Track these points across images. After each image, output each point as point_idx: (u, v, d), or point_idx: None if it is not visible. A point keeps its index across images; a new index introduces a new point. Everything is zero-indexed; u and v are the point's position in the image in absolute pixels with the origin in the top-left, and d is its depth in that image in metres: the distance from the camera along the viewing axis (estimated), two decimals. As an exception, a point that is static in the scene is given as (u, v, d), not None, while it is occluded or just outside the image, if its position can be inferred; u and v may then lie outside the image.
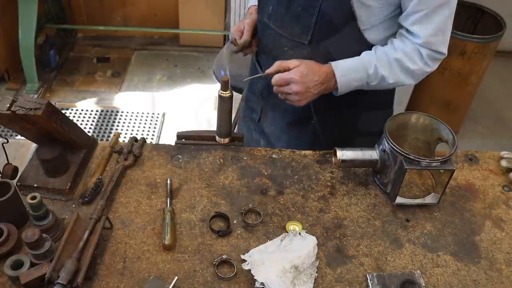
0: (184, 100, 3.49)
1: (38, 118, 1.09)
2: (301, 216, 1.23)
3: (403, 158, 1.19)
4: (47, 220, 1.10)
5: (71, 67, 3.78)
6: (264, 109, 1.67)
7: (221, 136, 1.40)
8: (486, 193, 1.33)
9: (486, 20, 3.09)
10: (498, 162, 1.41)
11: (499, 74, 3.81)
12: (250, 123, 1.75)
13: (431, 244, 1.19)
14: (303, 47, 1.37)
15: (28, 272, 1.01)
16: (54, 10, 3.72)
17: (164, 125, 3.29)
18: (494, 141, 3.33)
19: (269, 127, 1.68)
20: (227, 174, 1.33)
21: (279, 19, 1.38)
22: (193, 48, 3.94)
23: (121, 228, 1.17)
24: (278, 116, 1.62)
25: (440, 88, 3.10)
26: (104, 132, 3.21)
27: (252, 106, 1.72)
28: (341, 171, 1.36)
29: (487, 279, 1.12)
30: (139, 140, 1.39)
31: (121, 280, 1.06)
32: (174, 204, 1.24)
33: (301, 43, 1.37)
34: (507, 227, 1.24)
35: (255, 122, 1.72)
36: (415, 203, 1.27)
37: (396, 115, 1.30)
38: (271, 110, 1.64)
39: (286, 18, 1.36)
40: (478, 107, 3.52)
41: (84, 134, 1.32)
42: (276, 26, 1.40)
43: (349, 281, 1.09)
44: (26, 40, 3.27)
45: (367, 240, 1.19)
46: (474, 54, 2.87)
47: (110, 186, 1.24)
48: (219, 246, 1.15)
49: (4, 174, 1.23)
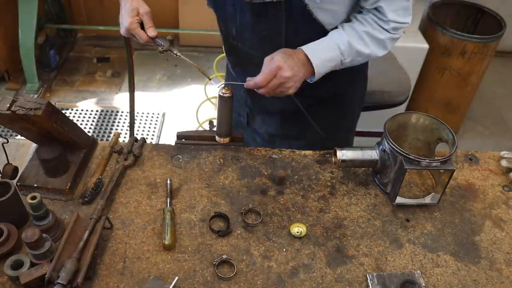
0: (184, 100, 3.49)
1: (38, 118, 1.09)
2: (301, 216, 1.23)
3: (403, 158, 1.19)
4: (47, 220, 1.10)
5: (71, 67, 3.78)
6: (251, 114, 1.67)
7: (221, 136, 1.40)
8: (486, 193, 1.33)
9: (486, 20, 3.10)
10: (498, 162, 1.41)
11: (499, 74, 3.81)
12: (239, 125, 1.75)
13: (431, 244, 1.19)
14: None
15: (28, 272, 1.01)
16: (54, 10, 3.72)
17: (164, 125, 3.29)
18: (494, 141, 3.34)
19: (261, 128, 1.68)
20: (227, 174, 1.33)
21: (248, 40, 1.37)
22: (193, 48, 3.94)
23: (121, 228, 1.17)
24: (268, 119, 1.62)
25: (440, 88, 3.10)
26: (104, 132, 3.21)
27: (237, 111, 1.69)
28: (341, 171, 1.36)
29: (487, 279, 1.12)
30: (139, 140, 1.39)
31: (121, 280, 1.06)
32: (174, 204, 1.24)
33: None
34: (507, 227, 1.24)
35: (244, 125, 1.72)
36: (415, 203, 1.27)
37: (396, 115, 1.30)
38: (258, 114, 1.64)
39: (254, 40, 1.36)
40: (478, 107, 3.52)
41: (84, 134, 1.32)
42: (245, 47, 1.40)
43: (349, 281, 1.09)
44: (26, 40, 3.27)
45: (367, 240, 1.19)
46: (474, 54, 2.87)
47: (110, 186, 1.24)
48: (219, 246, 1.15)
49: (4, 174, 1.22)
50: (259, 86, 1.24)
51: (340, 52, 1.29)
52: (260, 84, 1.23)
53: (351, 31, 1.30)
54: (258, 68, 1.30)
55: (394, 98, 2.24)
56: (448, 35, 2.87)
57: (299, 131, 1.61)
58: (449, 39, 2.87)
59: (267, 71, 1.23)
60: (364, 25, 1.30)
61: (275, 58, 1.23)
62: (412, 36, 2.88)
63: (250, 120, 1.69)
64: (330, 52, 1.28)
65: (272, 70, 1.22)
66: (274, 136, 1.65)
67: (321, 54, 1.28)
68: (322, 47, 1.28)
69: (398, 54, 2.47)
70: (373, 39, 1.31)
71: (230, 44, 1.46)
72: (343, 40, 1.28)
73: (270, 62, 1.24)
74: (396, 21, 1.29)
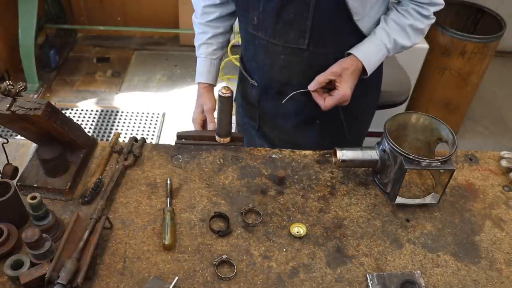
0: (184, 100, 3.49)
1: (38, 118, 1.09)
2: (301, 216, 1.23)
3: (403, 158, 1.19)
4: (47, 220, 1.10)
5: (71, 67, 3.78)
6: (262, 117, 1.65)
7: (221, 136, 1.40)
8: (486, 193, 1.33)
9: (486, 20, 3.10)
10: (498, 162, 1.41)
11: (499, 74, 3.82)
12: (251, 129, 1.73)
13: (431, 244, 1.19)
14: (301, 52, 1.36)
15: (28, 272, 1.01)
16: (54, 10, 3.73)
17: (164, 125, 3.29)
18: (494, 141, 3.34)
19: (271, 132, 1.66)
20: (227, 174, 1.33)
21: (270, 28, 1.35)
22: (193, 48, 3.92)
23: (121, 228, 1.17)
24: (280, 121, 1.61)
25: (440, 88, 3.10)
26: (104, 132, 3.21)
27: (249, 114, 1.69)
28: (341, 171, 1.36)
29: (487, 279, 1.12)
30: (139, 140, 1.39)
31: (121, 280, 1.06)
32: (174, 204, 1.24)
33: (298, 49, 1.36)
34: (507, 227, 1.24)
35: (255, 129, 1.70)
36: (415, 203, 1.27)
37: (396, 115, 1.30)
38: (270, 117, 1.62)
39: (278, 26, 1.34)
40: (478, 107, 3.52)
41: (84, 134, 1.32)
42: (266, 36, 1.38)
43: (349, 281, 1.09)
44: (26, 40, 3.27)
45: (367, 240, 1.19)
46: (474, 54, 2.87)
47: (110, 186, 1.24)
48: (219, 246, 1.15)
49: (4, 174, 1.23)
50: (323, 109, 1.34)
51: (386, 50, 1.35)
52: (325, 109, 1.34)
53: (395, 26, 1.34)
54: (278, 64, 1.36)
55: (394, 98, 2.24)
56: (448, 35, 2.87)
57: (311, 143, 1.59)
58: (449, 39, 2.87)
59: (335, 101, 1.32)
60: (407, 18, 1.33)
61: (343, 85, 1.31)
62: (412, 36, 2.88)
63: (261, 123, 1.67)
64: (379, 54, 1.35)
65: (339, 99, 1.32)
66: (284, 144, 1.62)
67: (372, 58, 1.35)
68: (372, 50, 1.34)
69: (398, 54, 2.46)
70: (415, 31, 1.35)
71: (249, 34, 1.43)
72: (390, 39, 1.34)
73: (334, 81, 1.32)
74: (435, 3, 1.32)
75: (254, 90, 1.57)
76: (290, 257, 1.13)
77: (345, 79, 1.31)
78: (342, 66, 1.32)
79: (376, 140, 1.33)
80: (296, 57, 1.38)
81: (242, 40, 1.52)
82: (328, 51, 1.36)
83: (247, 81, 1.58)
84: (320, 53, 1.36)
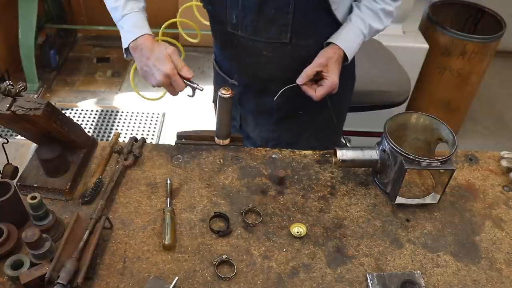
0: (184, 100, 3.49)
1: (38, 118, 1.09)
2: (301, 216, 1.23)
3: (403, 158, 1.19)
4: (47, 220, 1.10)
5: (71, 67, 3.78)
6: (244, 116, 1.66)
7: (221, 138, 1.40)
8: (486, 193, 1.33)
9: (486, 20, 3.10)
10: (498, 162, 1.41)
11: (499, 74, 3.82)
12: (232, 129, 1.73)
13: (431, 244, 1.19)
14: (283, 46, 1.38)
15: (28, 272, 1.01)
16: (54, 10, 3.73)
17: (164, 125, 3.29)
18: (494, 141, 3.34)
19: (253, 132, 1.67)
20: (227, 174, 1.33)
21: (250, 25, 1.35)
22: (193, 48, 3.93)
23: (121, 228, 1.17)
24: (262, 120, 1.62)
25: (440, 88, 3.10)
26: (104, 132, 3.21)
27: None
28: (341, 171, 1.36)
29: (487, 279, 1.12)
30: (139, 140, 1.39)
31: (121, 280, 1.06)
32: (174, 204, 1.24)
33: (281, 43, 1.37)
34: (507, 227, 1.24)
35: (236, 129, 1.71)
36: (415, 203, 1.27)
37: (396, 115, 1.30)
38: (251, 115, 1.64)
39: (259, 23, 1.34)
40: (478, 107, 3.52)
41: (84, 134, 1.32)
42: (246, 33, 1.38)
43: (349, 281, 1.09)
44: (26, 40, 3.27)
45: (367, 240, 1.19)
46: (474, 54, 2.87)
47: (110, 186, 1.24)
48: (219, 246, 1.15)
49: (4, 174, 1.23)
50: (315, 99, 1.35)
51: (363, 36, 1.39)
52: (317, 99, 1.35)
53: (368, 12, 1.38)
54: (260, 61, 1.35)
55: (394, 98, 2.24)
56: (448, 35, 2.87)
57: (292, 136, 1.62)
58: (449, 39, 2.87)
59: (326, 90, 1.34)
60: (378, 3, 1.38)
61: (331, 74, 1.32)
62: (412, 36, 2.89)
63: (243, 122, 1.68)
64: (357, 40, 1.38)
65: (330, 88, 1.34)
66: (266, 142, 1.65)
67: (352, 45, 1.38)
68: (351, 38, 1.38)
69: (398, 54, 2.47)
70: (386, 14, 1.40)
71: (227, 34, 1.42)
72: (365, 24, 1.37)
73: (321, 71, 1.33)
74: None
75: (235, 89, 1.57)
76: (290, 257, 1.13)
77: (331, 68, 1.33)
78: (327, 56, 1.34)
79: (376, 140, 1.33)
80: (278, 52, 1.39)
81: (217, 42, 1.52)
82: (309, 43, 1.38)
83: (225, 81, 1.58)
84: (302, 45, 1.38)
